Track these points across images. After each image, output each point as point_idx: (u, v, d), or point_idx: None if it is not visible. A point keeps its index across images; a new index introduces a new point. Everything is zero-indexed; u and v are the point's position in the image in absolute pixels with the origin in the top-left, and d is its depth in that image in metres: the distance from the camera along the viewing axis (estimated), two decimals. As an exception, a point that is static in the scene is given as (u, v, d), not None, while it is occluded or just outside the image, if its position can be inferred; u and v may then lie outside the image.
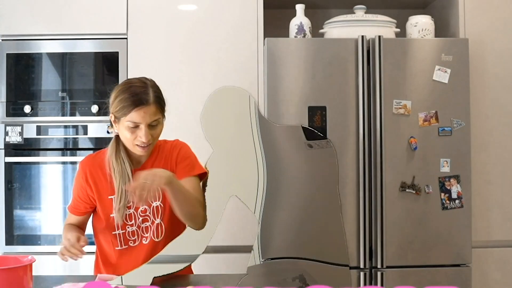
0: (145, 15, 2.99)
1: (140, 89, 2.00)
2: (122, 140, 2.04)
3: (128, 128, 1.97)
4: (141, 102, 1.96)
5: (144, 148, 2.01)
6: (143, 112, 1.96)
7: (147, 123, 1.98)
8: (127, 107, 1.96)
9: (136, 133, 1.98)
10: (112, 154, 2.06)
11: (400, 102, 2.83)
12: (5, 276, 1.43)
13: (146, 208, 2.08)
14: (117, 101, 1.99)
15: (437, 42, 2.90)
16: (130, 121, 1.96)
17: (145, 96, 1.98)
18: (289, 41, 2.92)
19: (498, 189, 3.01)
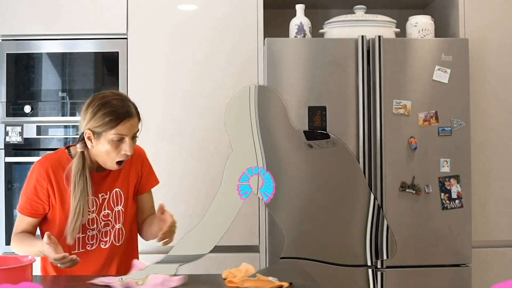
0: (145, 15, 2.99)
1: (122, 102, 1.99)
2: (97, 156, 2.01)
3: (111, 142, 1.96)
4: (128, 115, 1.97)
5: (122, 164, 2.02)
6: (129, 124, 1.97)
7: (132, 135, 1.99)
8: (113, 121, 1.94)
9: (119, 147, 1.97)
10: (77, 170, 2.00)
11: (400, 102, 2.83)
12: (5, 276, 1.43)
13: (109, 213, 2.08)
14: (99, 116, 1.96)
15: (437, 42, 2.90)
16: (116, 134, 1.95)
17: (129, 108, 2.00)
18: (289, 41, 2.92)
19: (498, 189, 3.01)
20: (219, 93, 2.98)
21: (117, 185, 2.10)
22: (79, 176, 1.99)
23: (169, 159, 2.95)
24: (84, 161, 2.01)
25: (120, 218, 2.10)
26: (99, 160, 2.02)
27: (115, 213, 2.09)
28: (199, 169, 2.96)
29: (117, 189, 2.10)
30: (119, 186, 2.10)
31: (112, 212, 2.08)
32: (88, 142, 2.00)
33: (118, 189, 2.10)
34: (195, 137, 2.97)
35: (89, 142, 2.00)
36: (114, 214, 2.09)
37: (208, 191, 2.96)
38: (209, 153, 2.96)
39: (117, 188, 2.10)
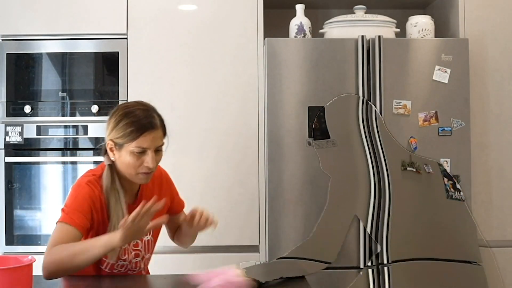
0: (145, 15, 2.99)
1: (145, 113, 1.92)
2: (122, 169, 1.93)
3: (133, 154, 1.88)
4: (151, 126, 1.89)
5: (147, 175, 1.93)
6: (152, 136, 1.89)
7: (154, 148, 1.91)
8: (134, 132, 1.87)
9: (141, 159, 1.89)
10: (107, 185, 1.92)
11: (400, 102, 2.83)
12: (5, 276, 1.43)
13: (138, 242, 2.01)
14: (121, 126, 1.89)
15: (437, 42, 2.90)
16: (138, 147, 1.87)
17: (153, 119, 1.92)
18: (289, 41, 2.92)
19: (498, 189, 3.01)
20: (219, 93, 2.98)
21: None
22: (110, 191, 1.92)
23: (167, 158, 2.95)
24: (112, 175, 1.94)
25: (149, 248, 2.06)
26: (124, 173, 1.94)
27: (144, 242, 2.04)
28: (199, 169, 2.96)
29: None
30: None
31: (142, 242, 2.03)
32: (110, 153, 1.93)
33: None
34: (195, 137, 2.97)
35: (111, 153, 1.93)
36: (143, 244, 2.03)
37: (208, 189, 2.96)
38: (210, 152, 2.97)
39: None
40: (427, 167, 2.81)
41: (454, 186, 2.82)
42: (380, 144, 2.80)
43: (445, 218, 2.83)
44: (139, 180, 1.94)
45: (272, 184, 2.82)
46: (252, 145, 2.95)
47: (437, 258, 2.83)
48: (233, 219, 2.94)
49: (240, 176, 2.95)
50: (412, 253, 2.82)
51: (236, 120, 2.96)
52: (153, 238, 2.08)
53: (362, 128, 2.81)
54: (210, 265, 2.87)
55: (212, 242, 2.92)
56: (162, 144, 1.95)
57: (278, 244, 2.80)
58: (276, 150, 2.82)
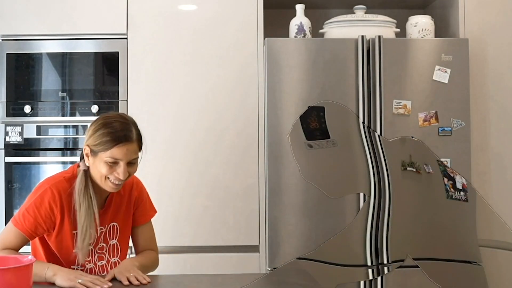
0: (145, 15, 2.99)
1: (122, 125, 1.94)
2: (94, 175, 1.98)
3: (106, 163, 1.92)
4: (125, 139, 1.92)
5: (116, 185, 1.96)
6: (125, 149, 1.92)
7: (127, 161, 1.94)
8: (109, 142, 1.90)
9: (113, 169, 1.93)
10: (80, 189, 1.96)
11: (400, 102, 2.83)
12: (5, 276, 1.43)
13: (103, 246, 2.07)
14: (98, 135, 1.92)
15: (437, 42, 2.90)
16: (110, 157, 1.91)
17: (129, 133, 1.94)
18: (289, 41, 2.92)
19: (498, 189, 3.01)
20: (219, 93, 2.98)
21: (115, 219, 2.09)
22: (83, 195, 1.96)
23: (168, 158, 2.95)
24: (86, 179, 1.98)
25: (115, 252, 2.09)
26: (95, 180, 1.98)
27: (109, 246, 2.08)
28: (197, 169, 2.96)
29: (114, 223, 2.08)
30: (116, 220, 2.09)
31: (107, 245, 2.07)
32: (86, 158, 1.97)
33: (115, 223, 2.09)
34: (195, 136, 2.97)
35: (86, 158, 1.97)
36: (108, 248, 2.08)
37: (208, 189, 2.96)
38: (209, 152, 2.97)
39: (114, 222, 2.08)
40: (427, 167, 2.81)
41: (454, 186, 2.82)
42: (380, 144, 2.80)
43: (445, 218, 2.83)
44: (108, 188, 1.98)
45: (272, 184, 2.82)
46: (252, 145, 2.95)
47: (437, 258, 2.83)
48: (233, 219, 2.94)
49: (240, 176, 2.95)
50: (412, 253, 2.82)
51: (236, 120, 2.96)
52: (119, 242, 2.10)
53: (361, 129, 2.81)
54: (210, 265, 2.88)
55: (212, 242, 2.93)
56: (135, 158, 1.97)
57: (278, 244, 2.80)
58: (276, 150, 2.82)
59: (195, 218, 2.94)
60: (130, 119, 2.00)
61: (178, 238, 2.91)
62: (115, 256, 2.10)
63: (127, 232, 2.14)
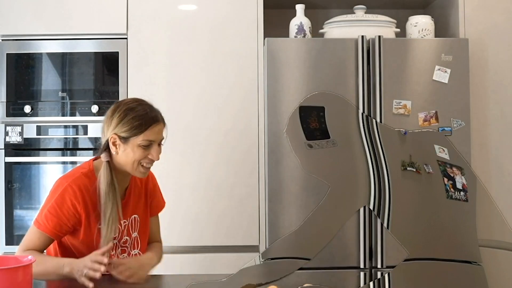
0: (145, 15, 2.99)
1: (147, 108, 1.96)
2: (124, 163, 1.95)
3: (139, 147, 1.92)
4: (157, 119, 1.95)
5: (147, 169, 1.98)
6: (157, 129, 1.95)
7: (159, 141, 1.97)
8: (141, 126, 1.91)
9: (147, 152, 1.94)
10: (107, 181, 1.94)
11: (400, 102, 2.83)
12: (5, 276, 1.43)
13: (127, 239, 2.06)
14: (126, 121, 1.91)
15: (437, 42, 2.90)
16: (144, 140, 1.91)
17: (156, 113, 1.97)
18: (289, 41, 2.92)
19: (498, 189, 3.01)
20: (219, 93, 2.98)
21: (136, 211, 2.08)
22: (109, 188, 1.94)
23: (166, 158, 2.95)
24: (111, 171, 1.96)
25: (135, 244, 2.09)
26: (125, 166, 1.96)
27: (132, 239, 2.07)
28: (199, 169, 2.96)
29: (135, 215, 2.08)
30: (137, 212, 2.08)
31: (130, 239, 2.07)
32: (113, 148, 1.94)
33: (136, 215, 2.08)
34: (195, 136, 2.97)
35: (113, 148, 1.94)
36: (131, 241, 2.07)
37: (208, 189, 2.96)
38: (208, 152, 2.97)
39: (135, 214, 2.08)
40: (427, 167, 2.81)
41: (454, 186, 2.82)
42: (381, 144, 2.80)
43: (445, 218, 2.83)
44: (139, 173, 1.98)
45: (272, 184, 2.82)
46: (252, 145, 2.95)
47: (437, 258, 2.83)
48: (233, 219, 2.94)
49: (240, 176, 2.95)
50: (412, 253, 2.82)
51: (236, 120, 2.96)
52: (139, 234, 2.10)
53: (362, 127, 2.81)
54: (210, 265, 2.88)
55: (212, 242, 2.93)
56: (163, 138, 2.00)
57: (278, 244, 2.80)
58: (276, 150, 2.82)
59: (195, 218, 2.94)
60: (148, 101, 2.01)
61: (178, 239, 2.91)
62: (136, 249, 2.09)
63: (147, 224, 2.14)
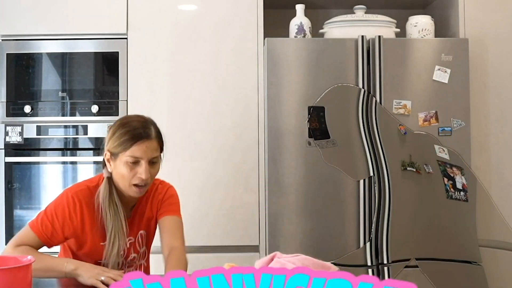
0: (145, 15, 2.99)
1: (140, 124, 1.92)
2: (117, 180, 1.93)
3: (127, 164, 1.87)
4: (144, 136, 1.88)
5: (141, 188, 1.91)
6: (145, 146, 1.88)
7: (148, 159, 1.89)
8: (128, 141, 1.87)
9: (135, 170, 1.88)
10: (105, 197, 1.92)
11: (400, 102, 2.83)
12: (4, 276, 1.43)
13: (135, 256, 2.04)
14: (116, 136, 1.89)
15: (437, 42, 2.90)
16: (130, 156, 1.87)
17: (147, 130, 1.91)
18: (289, 41, 2.92)
19: (498, 189, 3.01)
20: (219, 93, 2.98)
21: (141, 227, 2.05)
22: (108, 203, 1.92)
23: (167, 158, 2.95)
24: (110, 187, 1.94)
25: (144, 256, 2.09)
26: (119, 185, 1.94)
27: (140, 254, 2.06)
28: (199, 169, 2.96)
29: (141, 231, 2.05)
30: (142, 228, 2.05)
31: (138, 254, 2.05)
32: (108, 164, 1.93)
33: (142, 231, 2.05)
34: (195, 137, 2.97)
35: (108, 164, 1.93)
36: (139, 255, 2.06)
37: (208, 189, 2.96)
38: (208, 152, 2.97)
39: (142, 230, 2.05)
40: (427, 167, 2.81)
41: (454, 186, 2.82)
42: (380, 144, 2.80)
43: (445, 218, 2.83)
44: (132, 192, 1.92)
45: (272, 184, 2.82)
46: (252, 145, 2.95)
47: (437, 258, 2.83)
48: (233, 219, 2.94)
49: (240, 176, 2.95)
50: (412, 253, 2.82)
51: (236, 120, 2.96)
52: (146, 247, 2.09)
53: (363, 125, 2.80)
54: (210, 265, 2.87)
55: (212, 242, 2.93)
56: (156, 156, 1.93)
57: (278, 244, 2.80)
58: (276, 150, 2.82)
59: (195, 218, 2.94)
60: (148, 118, 1.98)
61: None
62: (143, 259, 2.09)
63: (152, 235, 2.11)
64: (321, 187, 2.81)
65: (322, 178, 2.80)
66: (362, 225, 2.79)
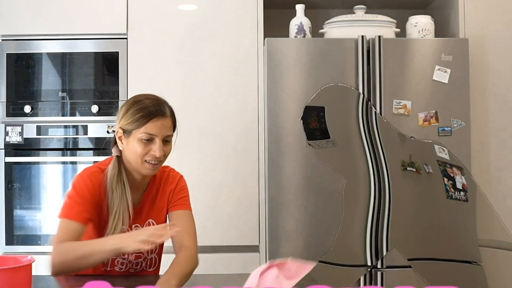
0: (145, 15, 2.99)
1: (155, 101, 1.90)
2: (129, 158, 1.90)
3: (141, 141, 1.85)
4: (159, 113, 1.87)
5: (154, 166, 1.89)
6: (160, 123, 1.86)
7: (162, 137, 1.88)
8: (143, 118, 1.84)
9: (149, 147, 1.86)
10: (113, 175, 1.89)
11: (400, 102, 2.83)
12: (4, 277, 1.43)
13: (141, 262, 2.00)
14: (130, 112, 1.87)
15: (437, 42, 2.90)
16: (145, 133, 1.85)
17: (162, 107, 1.89)
18: (289, 41, 2.92)
19: (497, 189, 3.01)
20: (219, 93, 2.98)
21: (151, 216, 2.00)
22: (116, 182, 1.89)
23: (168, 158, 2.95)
24: (119, 165, 1.91)
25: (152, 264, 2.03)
26: (130, 163, 1.90)
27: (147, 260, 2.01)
28: (198, 169, 2.96)
29: (150, 220, 1.99)
30: (152, 216, 2.00)
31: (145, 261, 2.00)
32: (119, 142, 1.90)
33: (151, 220, 1.99)
34: (195, 137, 2.97)
35: (119, 142, 1.90)
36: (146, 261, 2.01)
37: (208, 189, 2.96)
38: (208, 152, 2.97)
39: (151, 218, 2.00)
40: (427, 167, 2.81)
41: (454, 186, 2.82)
42: (380, 143, 2.80)
43: (445, 218, 2.83)
44: (145, 170, 1.89)
45: (272, 184, 2.82)
46: (252, 145, 2.95)
47: (437, 258, 2.83)
48: (233, 219, 2.94)
49: (240, 176, 2.95)
50: (412, 253, 2.82)
51: (236, 120, 2.96)
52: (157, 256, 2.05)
53: (362, 126, 2.80)
54: (210, 265, 2.87)
55: (212, 242, 2.93)
56: (170, 135, 1.92)
57: (278, 244, 2.80)
58: (276, 150, 2.82)
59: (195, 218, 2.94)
60: (161, 97, 1.95)
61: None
62: (153, 253, 2.02)
63: None
64: (321, 187, 2.81)
65: (322, 178, 2.80)
66: (362, 225, 2.79)
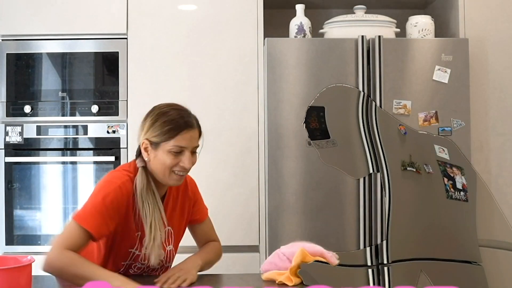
0: (145, 15, 2.99)
1: (183, 113, 1.90)
2: (156, 169, 1.88)
3: (170, 153, 1.84)
4: (188, 125, 1.87)
5: (181, 177, 1.89)
6: (189, 135, 1.87)
7: (192, 148, 1.88)
8: (172, 130, 1.84)
9: (178, 159, 1.86)
10: (143, 187, 1.87)
11: (400, 102, 2.83)
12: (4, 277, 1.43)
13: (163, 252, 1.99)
14: (157, 125, 1.85)
15: (437, 42, 2.90)
16: (175, 146, 1.84)
17: (190, 119, 1.89)
18: (289, 41, 2.92)
19: (498, 189, 3.01)
20: (219, 93, 2.98)
21: (170, 223, 1.99)
22: (146, 193, 1.87)
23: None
24: (147, 176, 1.90)
25: (171, 257, 2.03)
26: (157, 174, 1.89)
27: (167, 252, 2.00)
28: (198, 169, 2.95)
29: (169, 228, 1.98)
30: (171, 224, 2.00)
31: (165, 252, 1.99)
32: (145, 153, 1.89)
33: (169, 228, 1.99)
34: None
35: (145, 153, 1.89)
36: (166, 254, 2.00)
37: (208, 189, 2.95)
38: (208, 152, 2.96)
39: (169, 226, 1.99)
40: (427, 167, 2.81)
41: (454, 186, 2.82)
42: (380, 143, 2.80)
43: (445, 218, 2.83)
44: (172, 181, 1.90)
45: (272, 184, 2.82)
46: (252, 145, 2.95)
47: (437, 258, 2.83)
48: (233, 219, 2.94)
49: (240, 176, 2.95)
50: (412, 253, 2.82)
51: (236, 120, 2.96)
52: (174, 247, 2.05)
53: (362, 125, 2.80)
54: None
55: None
56: (197, 146, 1.92)
57: (278, 244, 2.79)
58: (276, 150, 2.82)
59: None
60: (185, 107, 1.95)
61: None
62: (169, 262, 2.04)
63: (180, 236, 2.07)
64: (321, 187, 2.81)
65: (322, 178, 2.80)
66: (362, 225, 2.79)
